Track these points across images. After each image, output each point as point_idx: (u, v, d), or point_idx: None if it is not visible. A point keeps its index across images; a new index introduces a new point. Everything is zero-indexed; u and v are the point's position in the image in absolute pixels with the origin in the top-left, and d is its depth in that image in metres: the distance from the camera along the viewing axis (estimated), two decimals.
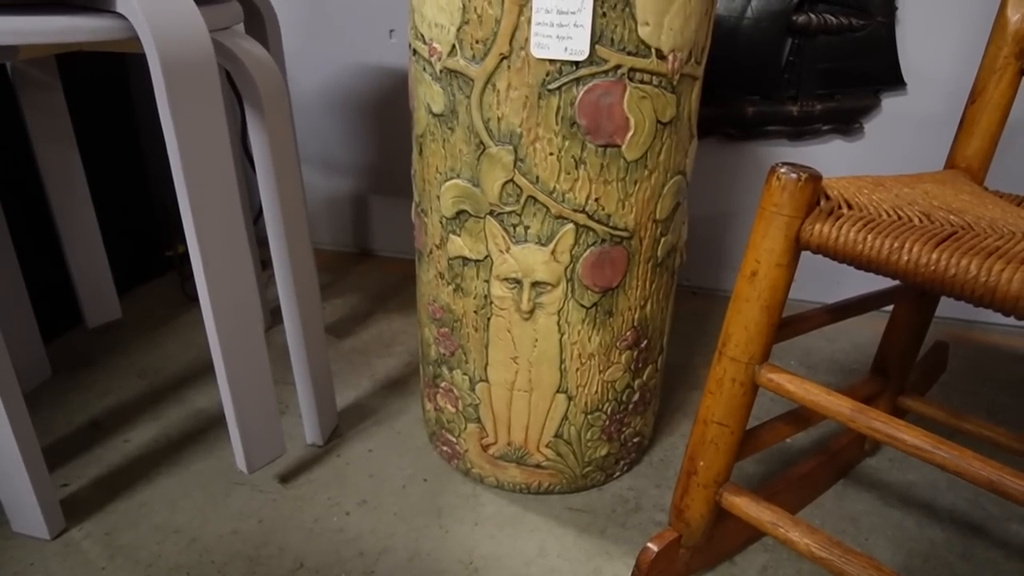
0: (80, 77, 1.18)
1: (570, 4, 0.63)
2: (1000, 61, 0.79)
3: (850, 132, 1.28)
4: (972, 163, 0.82)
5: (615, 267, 0.76)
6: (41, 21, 0.64)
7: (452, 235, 0.78)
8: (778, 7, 1.18)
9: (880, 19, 1.18)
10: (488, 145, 0.70)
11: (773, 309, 0.60)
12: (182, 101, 0.67)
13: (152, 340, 1.23)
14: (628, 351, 0.82)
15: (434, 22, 0.70)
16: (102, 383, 1.11)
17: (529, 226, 0.73)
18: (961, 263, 0.50)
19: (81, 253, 1.19)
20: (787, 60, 1.22)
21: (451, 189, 0.75)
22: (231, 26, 0.80)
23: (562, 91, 0.67)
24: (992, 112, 0.80)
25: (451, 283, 0.81)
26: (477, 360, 0.82)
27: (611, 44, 0.65)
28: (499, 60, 0.67)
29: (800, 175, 0.56)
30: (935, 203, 0.63)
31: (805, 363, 1.22)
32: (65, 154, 1.11)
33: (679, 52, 0.68)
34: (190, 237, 0.71)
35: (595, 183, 0.71)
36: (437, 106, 0.73)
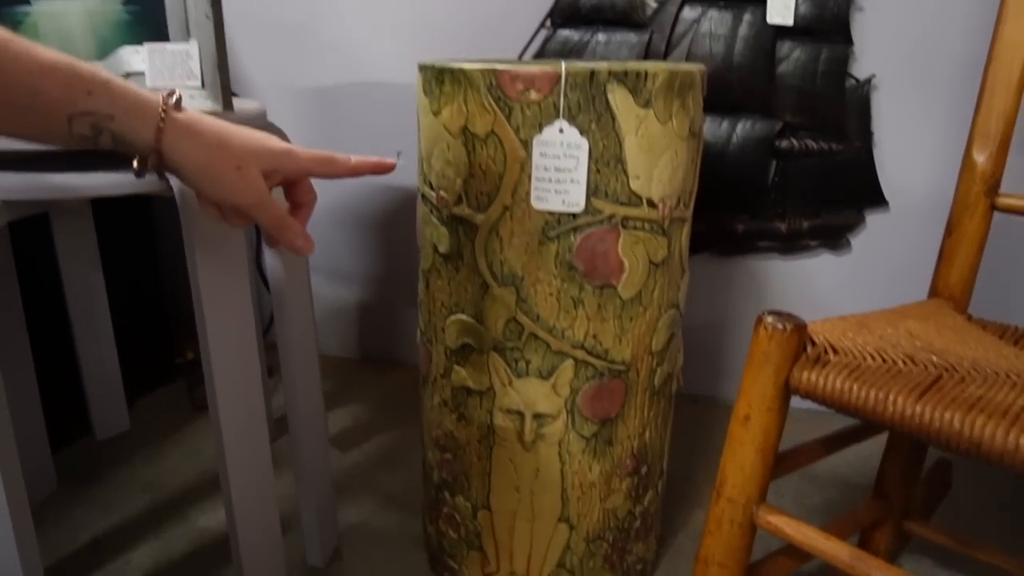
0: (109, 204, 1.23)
1: (566, 163, 0.68)
2: (972, 198, 0.85)
3: (838, 246, 1.33)
4: (954, 292, 0.86)
5: (613, 398, 0.78)
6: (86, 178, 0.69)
7: (456, 366, 0.81)
8: (761, 133, 1.25)
9: (858, 144, 1.25)
10: (491, 285, 0.74)
11: (767, 451, 0.62)
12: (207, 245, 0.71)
13: (158, 451, 1.24)
14: (628, 478, 0.84)
15: (442, 173, 0.75)
16: (105, 498, 1.11)
17: (530, 360, 0.76)
18: (944, 416, 0.53)
19: (96, 366, 1.21)
20: (773, 181, 1.28)
21: (455, 324, 0.79)
22: None
23: (560, 238, 0.71)
24: (968, 245, 0.85)
25: (455, 411, 0.83)
26: (479, 487, 0.84)
27: (605, 196, 0.70)
28: (502, 210, 0.71)
29: (786, 325, 0.60)
30: (918, 344, 0.67)
31: (807, 476, 1.23)
32: (88, 271, 1.16)
33: (668, 200, 0.73)
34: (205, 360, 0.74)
35: (593, 321, 0.74)
36: (443, 247, 0.77)
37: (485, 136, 0.70)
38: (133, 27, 0.77)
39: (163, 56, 0.73)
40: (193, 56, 0.72)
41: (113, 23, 0.77)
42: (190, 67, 0.72)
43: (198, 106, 0.73)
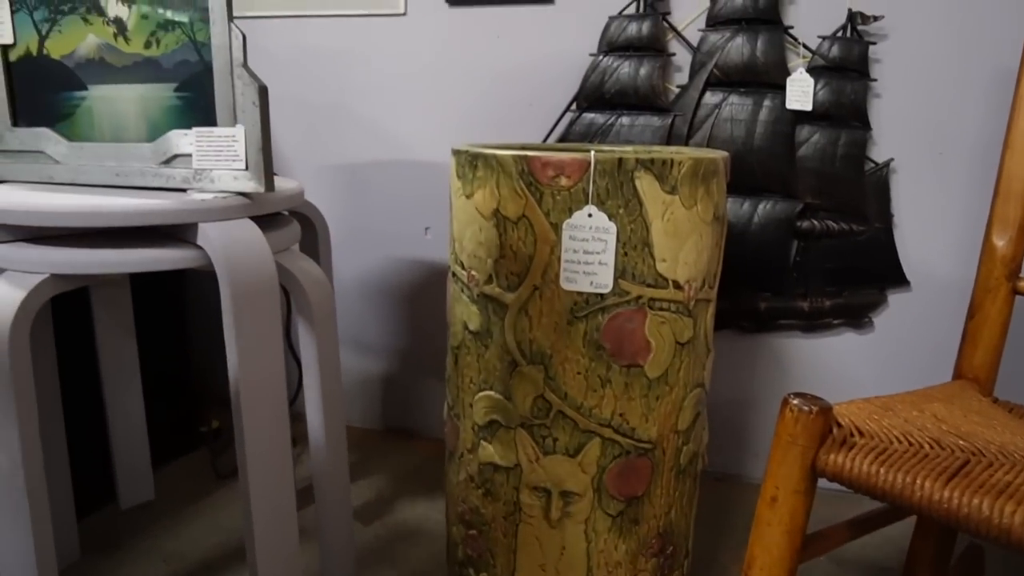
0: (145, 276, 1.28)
1: (595, 246, 0.70)
2: (992, 281, 0.86)
3: (861, 326, 1.34)
4: (979, 374, 0.86)
5: (640, 476, 0.79)
6: (131, 254, 0.73)
7: (483, 442, 0.82)
8: (782, 214, 1.28)
9: (878, 225, 1.27)
10: (520, 363, 0.76)
11: (795, 533, 0.62)
12: (245, 318, 0.74)
13: (180, 521, 1.24)
14: (654, 558, 0.83)
15: (473, 253, 0.78)
16: (127, 568, 1.12)
17: (558, 438, 0.77)
18: (973, 502, 0.53)
19: (124, 435, 1.24)
20: (794, 260, 1.30)
21: (483, 400, 0.80)
22: (290, 246, 0.89)
23: (588, 318, 0.73)
24: (991, 327, 0.86)
25: (481, 487, 0.84)
26: (504, 565, 0.84)
27: (632, 278, 0.72)
28: (532, 290, 0.74)
29: (811, 408, 0.61)
30: (944, 427, 0.67)
31: (835, 559, 1.21)
32: (123, 342, 1.19)
33: (693, 282, 0.75)
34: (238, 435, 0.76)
35: (620, 399, 0.76)
36: (473, 324, 0.80)
37: (516, 219, 0.73)
38: (183, 112, 0.82)
39: (210, 139, 0.78)
40: (239, 140, 0.76)
41: (164, 108, 0.82)
42: (235, 150, 0.77)
43: (242, 187, 0.77)
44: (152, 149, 0.83)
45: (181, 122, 0.84)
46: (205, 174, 0.80)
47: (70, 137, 0.85)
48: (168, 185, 0.82)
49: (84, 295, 1.15)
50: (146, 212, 0.72)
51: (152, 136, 0.84)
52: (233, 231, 0.75)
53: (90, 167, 0.84)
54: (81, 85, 0.84)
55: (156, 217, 0.72)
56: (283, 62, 1.47)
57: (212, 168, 0.80)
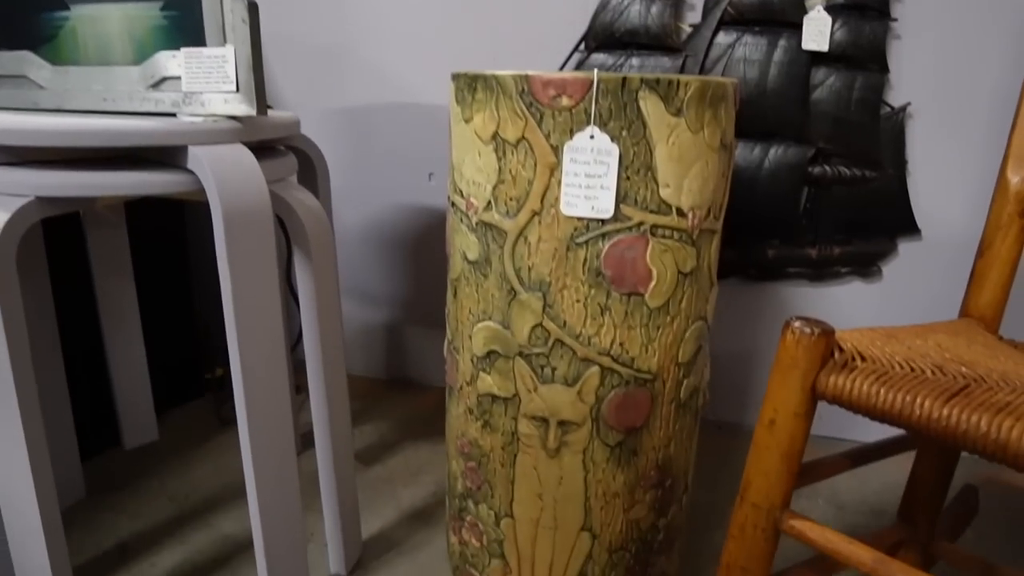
0: (142, 215, 1.27)
1: (596, 169, 0.69)
2: (1004, 219, 0.84)
3: (869, 275, 1.32)
4: (985, 313, 0.85)
5: (639, 408, 0.78)
6: (120, 176, 0.72)
7: (482, 373, 0.81)
8: (794, 160, 1.25)
9: (891, 171, 1.25)
10: (519, 292, 0.75)
11: (792, 457, 0.62)
12: (239, 248, 0.73)
13: (185, 463, 1.26)
14: (653, 490, 0.83)
15: (472, 180, 0.77)
16: (133, 506, 1.13)
17: (556, 367, 0.76)
18: (972, 419, 0.52)
19: (126, 377, 1.24)
20: (804, 207, 1.28)
21: (483, 330, 0.80)
22: (286, 177, 0.88)
23: (589, 245, 0.72)
24: (1001, 266, 0.84)
25: (480, 419, 0.83)
26: (503, 496, 0.84)
27: (635, 203, 0.71)
28: (531, 216, 0.73)
29: (813, 330, 0.60)
30: (947, 355, 0.66)
31: (834, 503, 1.21)
32: (122, 285, 1.19)
33: (698, 210, 0.74)
34: (235, 370, 0.76)
35: (620, 328, 0.75)
36: (472, 254, 0.79)
37: (516, 142, 0.71)
38: (170, 32, 0.80)
39: (199, 60, 0.77)
40: (229, 60, 0.75)
41: (150, 28, 0.80)
42: (225, 71, 0.75)
43: (232, 110, 0.76)
44: (140, 72, 0.81)
45: (169, 43, 0.81)
46: (195, 97, 0.79)
47: (54, 60, 0.83)
48: (157, 109, 0.81)
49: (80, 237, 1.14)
50: (132, 132, 0.70)
51: (139, 58, 0.81)
52: (224, 154, 0.74)
53: (76, 92, 0.82)
54: (63, 4, 0.82)
55: (143, 138, 0.71)
56: (282, 1, 1.45)
57: (202, 91, 0.78)
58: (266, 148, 0.90)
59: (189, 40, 0.80)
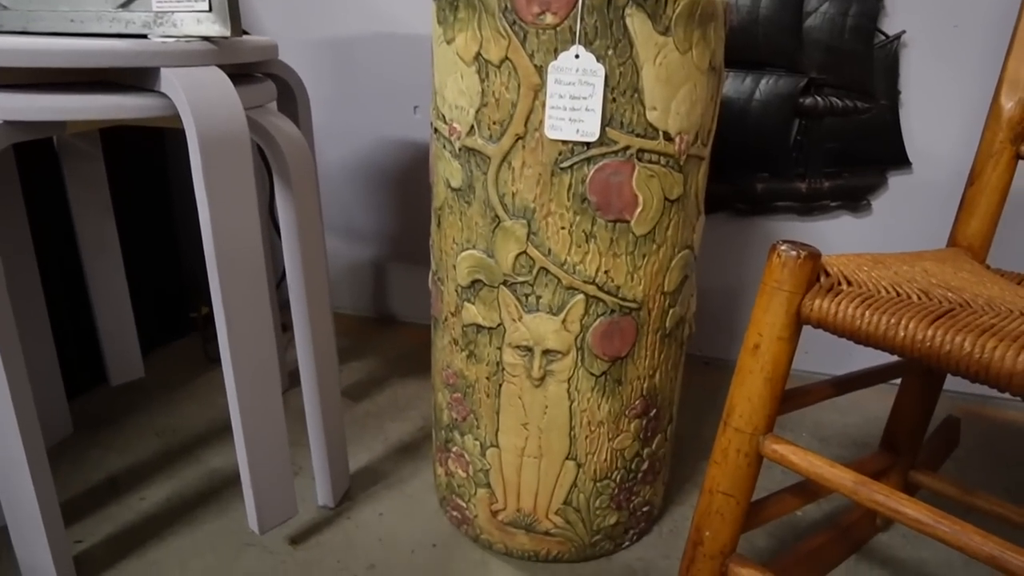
0: (120, 148, 1.24)
1: (582, 90, 0.67)
2: (996, 146, 0.83)
3: (858, 209, 1.31)
4: (973, 242, 0.84)
5: (624, 337, 0.78)
6: (90, 100, 0.70)
7: (467, 303, 0.81)
8: (785, 90, 1.23)
9: (884, 103, 1.22)
10: (503, 219, 0.74)
11: (776, 381, 0.62)
12: (216, 174, 0.71)
13: (172, 400, 1.26)
14: (637, 420, 0.84)
15: (455, 104, 0.74)
16: (121, 441, 1.13)
17: (541, 296, 0.76)
18: (955, 340, 0.52)
19: (109, 314, 1.23)
20: (795, 139, 1.26)
21: (467, 259, 0.79)
22: (265, 104, 0.86)
23: (574, 170, 0.70)
24: (991, 194, 0.83)
25: (465, 349, 0.83)
26: (488, 426, 0.84)
27: (620, 127, 0.69)
28: (514, 140, 0.71)
29: (800, 253, 0.59)
30: (934, 281, 0.66)
31: (817, 436, 1.22)
32: (101, 220, 1.17)
33: (686, 134, 0.72)
34: (216, 300, 0.74)
35: (605, 256, 0.74)
36: (455, 181, 0.77)
37: (499, 63, 0.69)
38: None
39: None
40: None
41: None
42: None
43: (205, 31, 0.73)
44: None
45: None
46: (166, 17, 0.75)
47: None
48: (128, 31, 0.77)
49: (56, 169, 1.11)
50: (101, 52, 0.67)
51: None
52: (198, 77, 0.72)
53: (42, 12, 0.79)
54: None
55: (112, 58, 0.68)
56: None
57: (173, 11, 0.75)
58: (243, 75, 0.87)
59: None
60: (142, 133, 1.31)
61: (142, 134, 1.31)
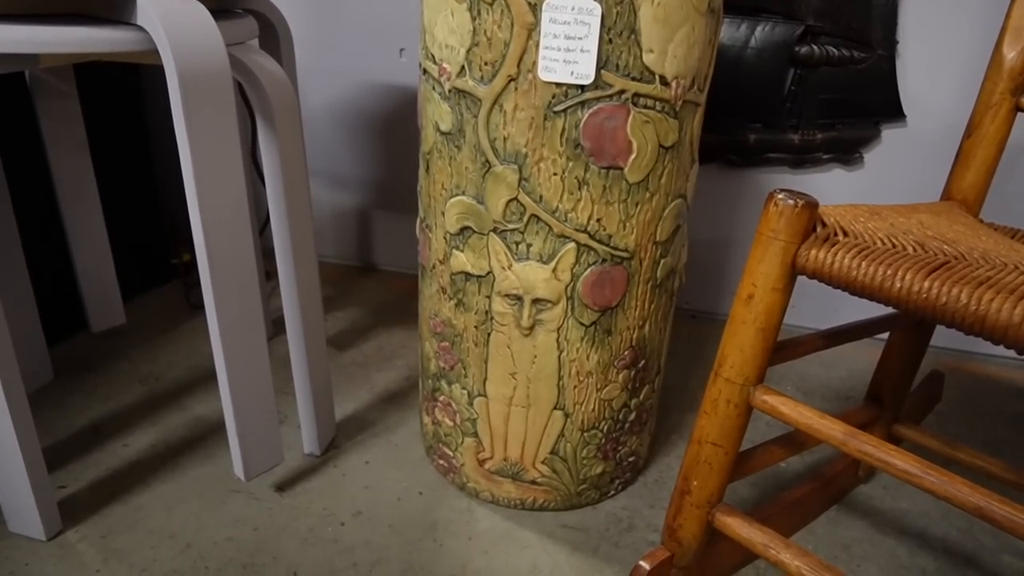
0: (96, 86, 1.20)
1: (577, 30, 0.64)
2: (996, 97, 0.81)
3: (850, 162, 1.30)
4: (968, 195, 0.84)
5: (615, 287, 0.77)
6: (62, 31, 0.66)
7: (455, 251, 0.79)
8: (781, 38, 1.20)
9: (881, 52, 1.20)
10: (493, 164, 0.72)
11: (768, 332, 0.61)
12: (197, 112, 0.68)
13: (155, 347, 1.24)
14: (626, 370, 0.83)
15: (445, 43, 0.72)
16: (103, 388, 1.12)
17: (531, 244, 0.74)
18: (952, 291, 0.51)
19: (88, 259, 1.20)
20: (789, 90, 1.24)
21: (456, 206, 0.77)
22: (246, 41, 0.82)
23: (567, 113, 0.68)
24: (988, 146, 0.82)
25: (453, 298, 0.82)
26: (476, 375, 0.83)
27: (616, 70, 0.67)
28: (507, 82, 0.68)
29: (797, 201, 0.58)
30: (929, 233, 0.65)
31: (802, 389, 1.23)
32: (78, 161, 1.13)
33: (682, 79, 0.70)
34: (198, 245, 0.72)
35: (597, 204, 0.72)
36: (445, 124, 0.75)
37: (491, 0, 0.66)
38: None
39: None
40: None
41: None
42: None
43: None
44: None
45: None
46: None
47: None
48: None
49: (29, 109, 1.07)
50: None
51: None
52: (176, 8, 0.68)
53: None
54: None
55: None
56: None
57: None
58: (223, 11, 0.84)
59: None
60: (118, 70, 1.26)
61: (118, 70, 1.26)
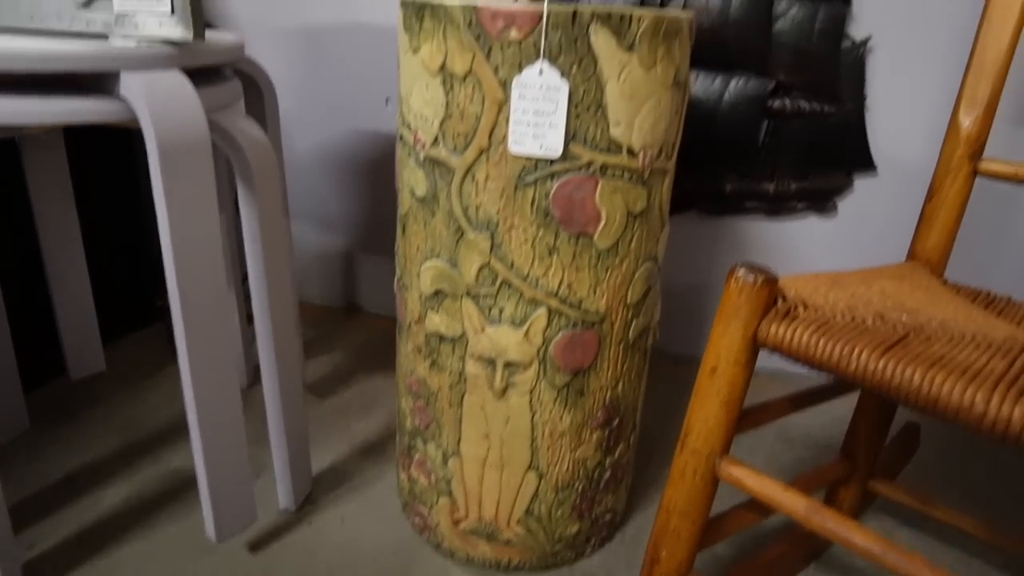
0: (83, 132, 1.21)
1: (545, 106, 0.66)
2: (955, 161, 0.84)
3: (825, 210, 1.32)
4: (931, 256, 0.86)
5: (587, 349, 0.78)
6: (46, 104, 0.67)
7: (430, 312, 0.80)
8: (754, 92, 1.23)
9: (850, 106, 1.23)
10: (466, 231, 0.73)
11: (732, 404, 0.62)
12: (175, 181, 0.69)
13: (134, 393, 1.24)
14: (600, 430, 0.84)
15: (420, 113, 0.73)
16: (80, 437, 1.11)
17: (504, 308, 0.75)
18: (906, 372, 0.53)
19: (69, 305, 1.20)
20: (763, 141, 1.27)
21: (430, 269, 0.78)
22: (230, 104, 0.84)
23: (537, 184, 0.70)
24: (949, 209, 0.84)
25: (428, 358, 0.83)
26: (450, 435, 0.84)
27: (584, 142, 0.69)
28: (478, 153, 0.70)
29: (756, 278, 0.59)
30: (889, 303, 0.66)
31: (782, 437, 1.24)
32: (62, 208, 1.14)
33: (649, 149, 0.72)
34: (175, 310, 0.73)
35: (568, 269, 0.74)
36: (420, 190, 0.76)
37: (464, 75, 0.68)
38: None
39: None
40: None
41: None
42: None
43: (167, 34, 0.71)
44: None
45: None
46: (128, 19, 0.73)
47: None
48: (89, 30, 0.75)
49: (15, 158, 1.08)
50: (60, 57, 0.65)
51: None
52: (159, 81, 0.70)
53: (1, 8, 0.76)
54: None
55: (71, 63, 0.66)
56: None
57: (135, 12, 0.73)
58: (208, 73, 0.85)
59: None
60: None
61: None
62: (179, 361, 0.75)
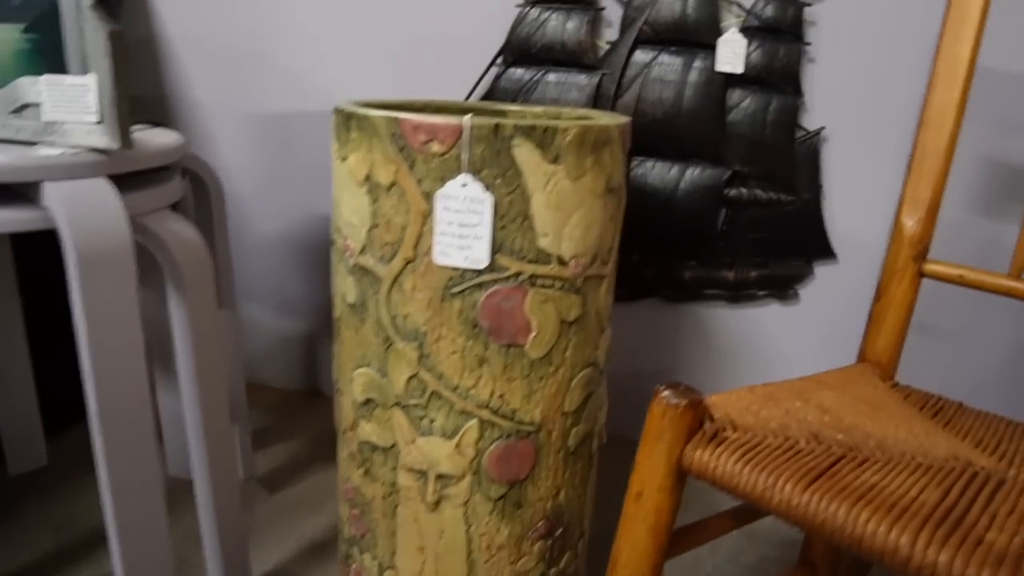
0: None
1: (470, 218, 0.65)
2: (900, 263, 0.83)
3: (786, 297, 1.31)
4: (881, 358, 0.84)
5: (523, 460, 0.75)
6: None
7: (362, 420, 0.77)
8: (710, 181, 1.23)
9: (807, 195, 1.23)
10: (394, 340, 0.71)
11: (659, 531, 0.59)
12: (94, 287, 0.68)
13: (74, 489, 1.19)
14: (541, 541, 0.80)
15: (349, 220, 0.72)
16: (15, 536, 1.07)
17: (434, 419, 0.73)
18: (830, 508, 0.50)
19: (11, 398, 1.17)
20: (721, 229, 1.26)
21: (361, 377, 0.76)
22: (162, 207, 0.83)
23: (465, 295, 0.68)
24: (896, 311, 0.83)
25: (361, 466, 0.80)
26: (385, 547, 0.80)
27: (511, 253, 0.67)
28: (404, 263, 0.69)
29: (680, 402, 0.57)
30: (826, 419, 0.64)
31: (747, 532, 1.20)
32: (5, 302, 1.12)
33: (581, 258, 0.71)
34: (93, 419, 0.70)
35: (499, 380, 0.71)
36: (350, 296, 0.75)
37: (388, 186, 0.67)
38: (34, 56, 0.74)
39: (61, 89, 0.71)
40: (91, 90, 0.69)
41: (13, 51, 0.74)
42: (87, 101, 0.69)
43: (95, 143, 0.70)
44: (1, 96, 0.75)
45: (33, 67, 0.76)
46: (56, 127, 0.73)
47: None
48: (17, 137, 0.75)
49: None
50: None
51: (2, 82, 0.76)
52: (80, 191, 0.69)
53: None
54: None
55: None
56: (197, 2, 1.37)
57: (63, 121, 0.72)
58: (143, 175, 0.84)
59: (54, 66, 0.74)
60: None
61: None
62: (98, 472, 0.72)
